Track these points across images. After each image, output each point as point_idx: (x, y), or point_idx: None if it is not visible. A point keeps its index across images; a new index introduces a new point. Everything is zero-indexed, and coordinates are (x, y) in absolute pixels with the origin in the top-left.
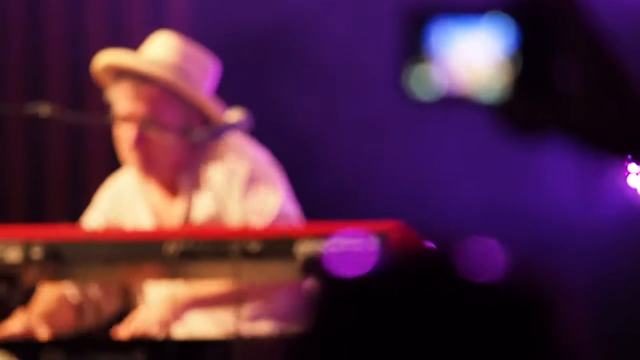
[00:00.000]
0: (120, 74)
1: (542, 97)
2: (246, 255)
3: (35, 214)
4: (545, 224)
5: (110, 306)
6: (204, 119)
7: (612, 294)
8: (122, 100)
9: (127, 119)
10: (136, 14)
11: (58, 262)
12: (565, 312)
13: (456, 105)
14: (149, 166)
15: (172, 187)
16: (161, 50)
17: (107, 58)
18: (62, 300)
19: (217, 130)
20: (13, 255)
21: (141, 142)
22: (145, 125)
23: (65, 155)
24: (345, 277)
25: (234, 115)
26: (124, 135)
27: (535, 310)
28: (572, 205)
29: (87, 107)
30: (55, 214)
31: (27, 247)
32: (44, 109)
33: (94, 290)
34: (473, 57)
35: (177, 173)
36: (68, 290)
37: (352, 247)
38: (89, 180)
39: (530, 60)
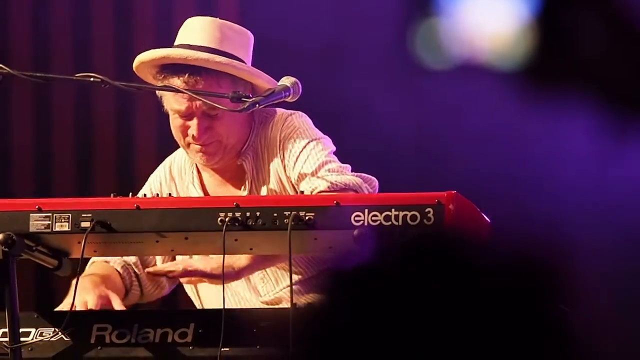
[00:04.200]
0: (166, 68)
1: (565, 59)
2: (300, 224)
3: (83, 188)
4: (564, 191)
5: (157, 288)
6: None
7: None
8: (175, 95)
9: (186, 113)
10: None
11: (107, 232)
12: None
13: (471, 73)
14: (214, 157)
15: (234, 174)
16: (203, 36)
17: (152, 54)
18: (112, 274)
19: (269, 95)
20: (62, 225)
21: (205, 133)
22: (205, 113)
23: (114, 130)
24: (395, 251)
25: (285, 82)
26: (183, 128)
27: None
28: (591, 170)
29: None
30: (103, 189)
31: (76, 217)
32: (96, 77)
33: (141, 270)
34: (492, 22)
35: (238, 159)
36: (117, 264)
37: (406, 220)
38: (136, 157)
39: (553, 22)
